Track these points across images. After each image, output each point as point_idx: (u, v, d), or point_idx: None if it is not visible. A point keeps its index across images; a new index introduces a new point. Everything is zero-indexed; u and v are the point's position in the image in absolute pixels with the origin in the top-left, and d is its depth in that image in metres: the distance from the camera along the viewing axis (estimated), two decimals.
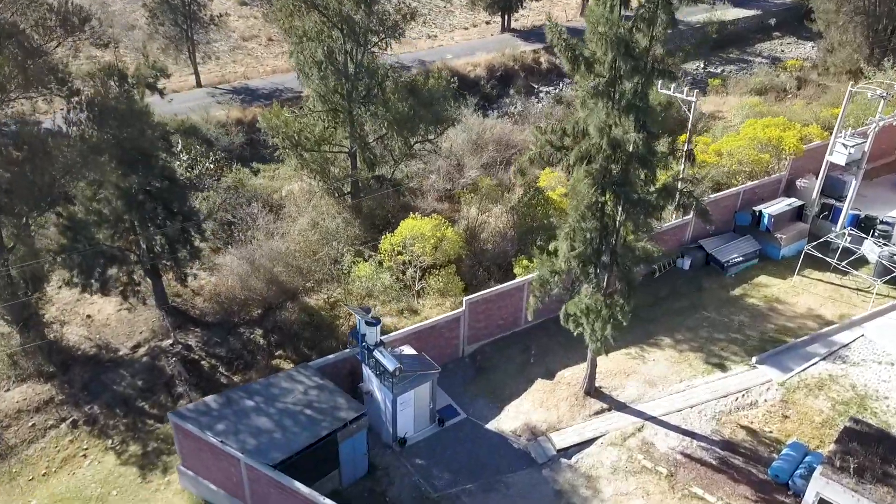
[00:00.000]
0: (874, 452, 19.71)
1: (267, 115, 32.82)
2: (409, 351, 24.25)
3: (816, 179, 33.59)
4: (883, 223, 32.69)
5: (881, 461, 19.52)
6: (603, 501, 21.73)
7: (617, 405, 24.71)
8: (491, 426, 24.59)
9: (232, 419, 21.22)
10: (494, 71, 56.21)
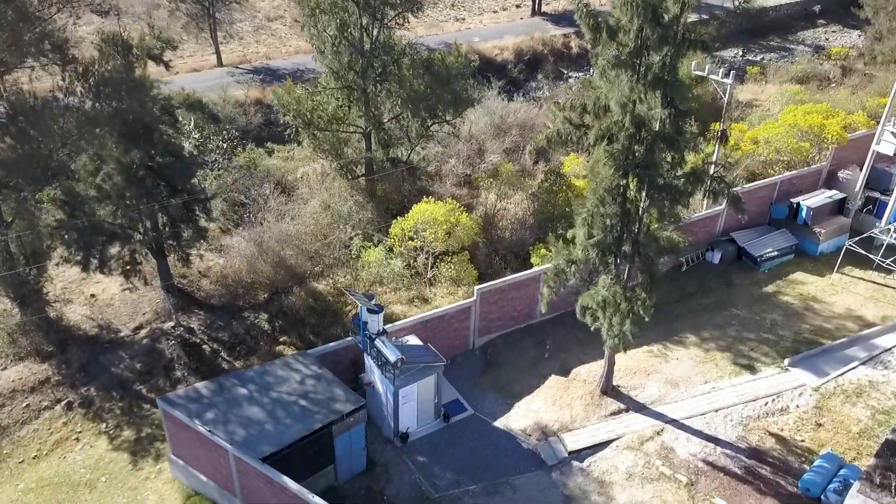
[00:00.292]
0: None
1: (279, 91, 31.82)
2: (414, 341, 23.15)
3: (860, 171, 32.46)
4: None
5: None
6: None
7: (635, 406, 23.59)
8: (499, 424, 23.50)
9: (223, 408, 20.20)
10: (522, 55, 55.14)
